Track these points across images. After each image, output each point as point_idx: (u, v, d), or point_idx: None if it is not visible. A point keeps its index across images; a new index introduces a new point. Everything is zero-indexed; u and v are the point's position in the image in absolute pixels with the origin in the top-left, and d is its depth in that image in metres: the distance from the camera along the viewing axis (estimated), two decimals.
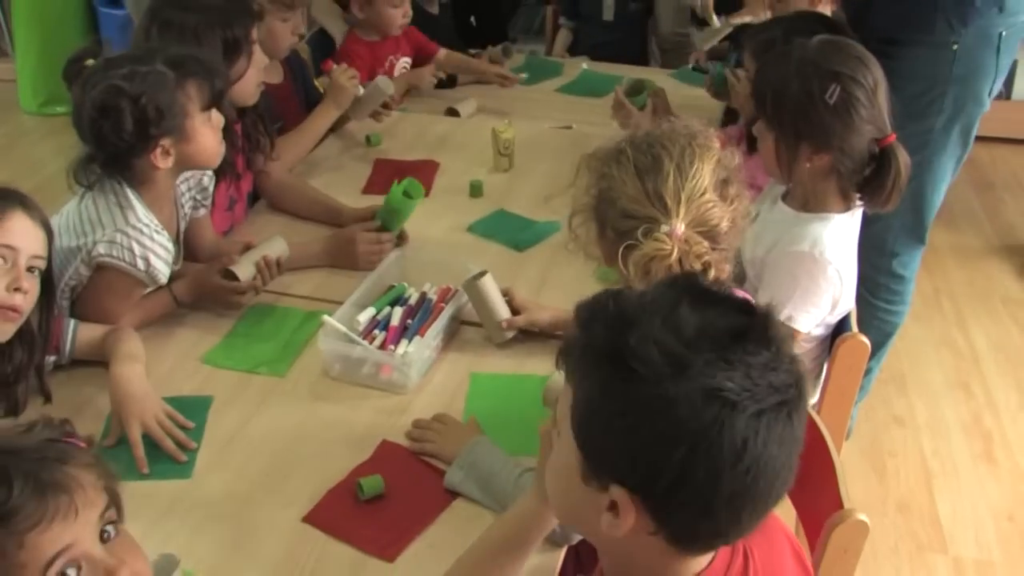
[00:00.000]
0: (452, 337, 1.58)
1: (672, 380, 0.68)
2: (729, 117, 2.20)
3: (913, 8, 1.77)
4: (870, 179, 1.47)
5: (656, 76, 2.59)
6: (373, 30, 2.49)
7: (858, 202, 1.51)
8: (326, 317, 1.47)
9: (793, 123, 1.44)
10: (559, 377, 0.81)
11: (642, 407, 0.69)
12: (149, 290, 1.53)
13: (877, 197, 1.48)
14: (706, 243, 1.11)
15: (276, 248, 1.63)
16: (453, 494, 1.26)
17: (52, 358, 1.44)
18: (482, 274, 1.55)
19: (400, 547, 1.17)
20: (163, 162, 1.44)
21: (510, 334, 1.56)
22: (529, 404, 1.41)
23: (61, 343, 1.44)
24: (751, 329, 0.71)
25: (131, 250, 1.45)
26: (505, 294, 1.56)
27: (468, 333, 1.60)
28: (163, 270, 1.48)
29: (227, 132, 1.59)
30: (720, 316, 0.71)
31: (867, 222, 1.57)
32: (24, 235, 1.23)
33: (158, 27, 1.62)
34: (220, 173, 1.70)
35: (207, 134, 1.48)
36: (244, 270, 1.60)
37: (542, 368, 1.50)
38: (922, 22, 1.76)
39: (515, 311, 1.55)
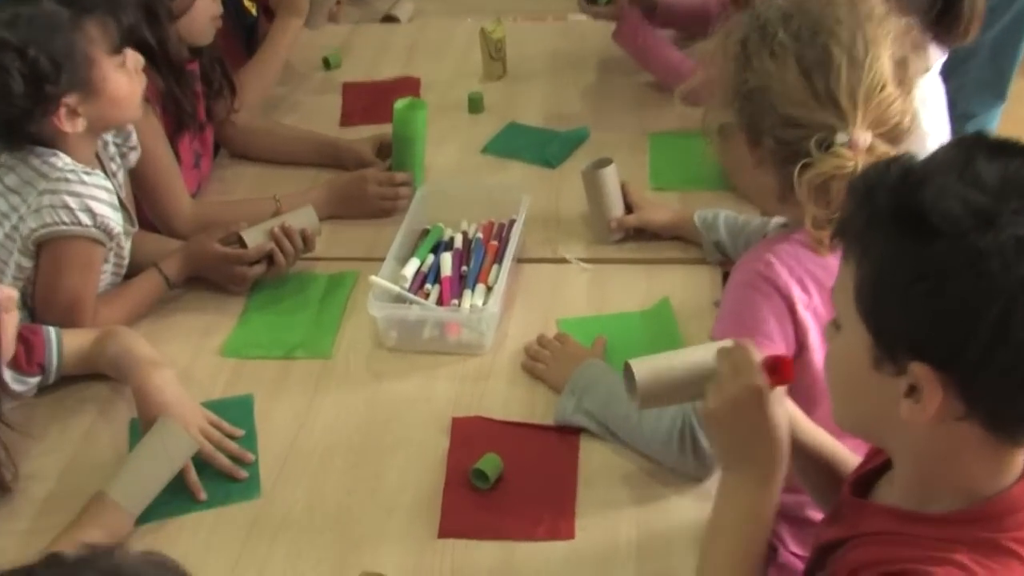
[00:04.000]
0: (516, 279, 1.52)
1: (978, 232, 0.69)
2: None
3: None
4: (942, 12, 1.44)
5: None
6: None
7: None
8: (375, 278, 1.40)
9: None
10: (640, 367, 0.90)
11: (945, 266, 0.70)
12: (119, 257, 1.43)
13: (955, 29, 1.44)
14: (891, 149, 1.05)
15: (301, 219, 1.52)
16: (572, 435, 1.23)
17: (36, 379, 1.30)
18: (606, 162, 1.53)
19: (570, 515, 1.15)
20: (71, 125, 1.31)
21: (618, 235, 1.56)
22: (635, 345, 1.37)
23: (45, 359, 1.30)
24: None
25: (66, 206, 1.30)
26: (622, 186, 1.56)
27: (530, 273, 1.54)
28: (113, 216, 1.35)
29: (181, 77, 1.51)
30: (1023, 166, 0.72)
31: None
32: None
33: None
34: (183, 125, 1.63)
35: (120, 82, 1.34)
36: (253, 237, 1.49)
37: (630, 300, 1.47)
38: None
39: (628, 208, 1.56)
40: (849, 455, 0.97)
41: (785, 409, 0.89)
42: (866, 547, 0.79)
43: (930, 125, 1.45)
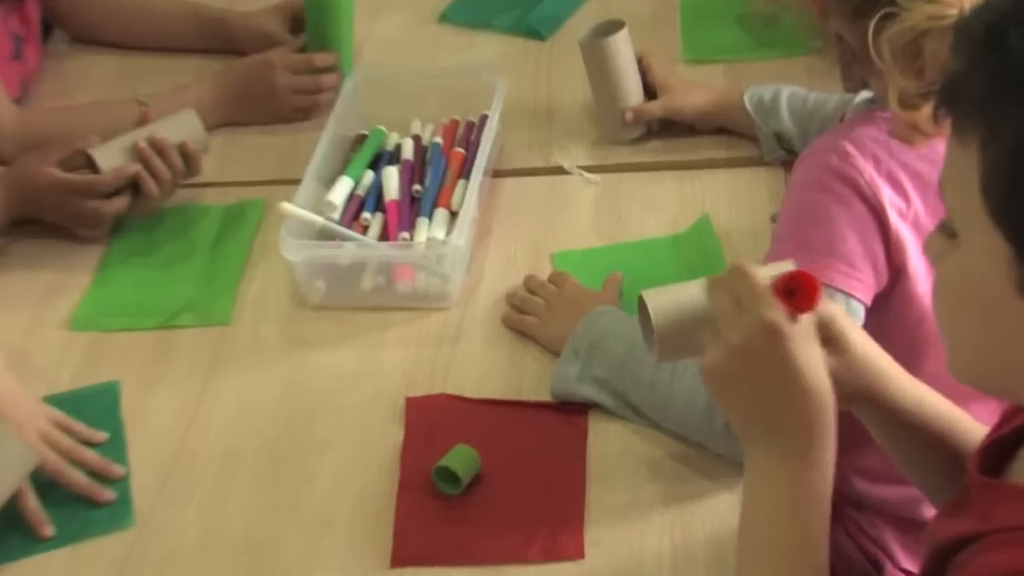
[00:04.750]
0: (491, 201, 1.53)
1: None
2: None
3: None
4: None
5: None
6: None
7: None
8: (288, 206, 1.39)
9: None
10: (657, 299, 0.91)
11: None
12: None
13: None
14: None
15: (179, 128, 1.52)
16: (578, 414, 1.25)
17: None
18: (615, 27, 1.54)
19: (577, 526, 1.16)
20: None
21: (637, 131, 1.57)
22: (663, 283, 1.34)
23: None
24: None
25: None
26: (639, 61, 1.58)
27: (512, 191, 1.56)
28: None
29: None
30: None
31: None
32: None
33: None
34: None
35: None
36: (108, 156, 1.48)
37: (655, 222, 1.48)
38: None
39: (650, 92, 1.56)
40: (972, 424, 0.97)
41: (816, 345, 0.88)
42: (1006, 549, 0.78)
43: None
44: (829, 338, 0.92)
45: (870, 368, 0.92)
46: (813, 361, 0.87)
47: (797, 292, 0.87)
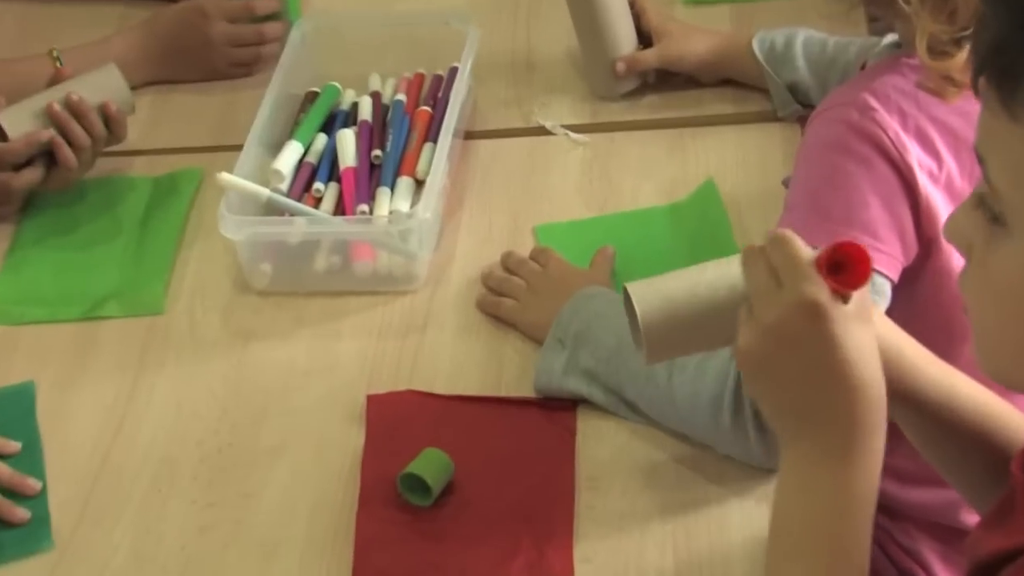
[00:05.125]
0: (463, 167, 1.54)
1: None
2: None
3: None
4: None
5: None
6: None
7: None
8: (227, 176, 1.39)
9: None
10: (643, 291, 0.92)
11: None
12: None
13: None
14: None
15: (99, 87, 1.51)
16: (565, 410, 1.26)
17: None
18: None
19: (565, 539, 1.16)
20: None
21: (630, 84, 1.57)
22: (661, 257, 1.39)
23: None
24: None
25: None
26: (631, 3, 1.59)
27: (487, 154, 1.57)
28: None
29: None
30: None
31: None
32: None
33: None
34: None
35: None
36: (16, 121, 1.49)
37: (651, 188, 1.50)
38: None
39: (644, 38, 1.58)
40: (1018, 417, 0.97)
41: (869, 329, 0.89)
42: None
43: None
44: None
45: (892, 360, 0.92)
46: (863, 347, 0.87)
47: (844, 266, 0.86)
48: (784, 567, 0.90)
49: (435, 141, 1.46)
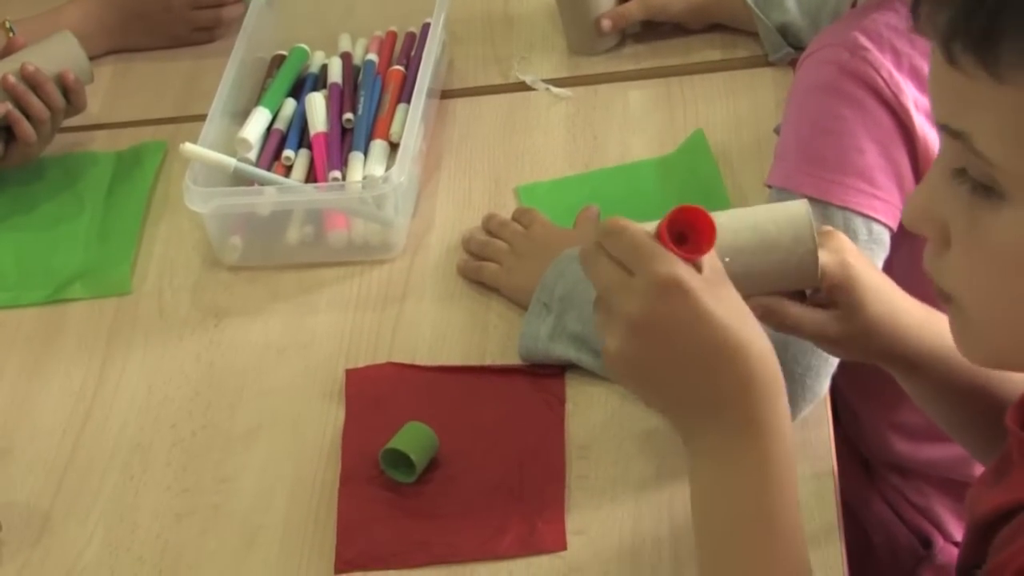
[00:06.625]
0: (440, 128, 1.56)
1: None
2: None
3: None
4: None
5: None
6: None
7: None
8: (192, 146, 1.39)
9: None
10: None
11: None
12: None
13: None
14: None
15: (56, 56, 1.52)
16: (553, 377, 1.26)
17: None
18: None
19: (557, 512, 1.16)
20: None
21: (613, 39, 1.60)
22: (650, 214, 1.34)
23: None
24: None
25: None
26: None
27: (465, 114, 1.58)
28: None
29: None
30: None
31: None
32: None
33: None
34: None
35: None
36: None
37: (638, 142, 1.50)
38: None
39: None
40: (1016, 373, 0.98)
41: (730, 287, 0.88)
42: None
43: None
44: (838, 301, 0.93)
45: (885, 327, 0.93)
46: (731, 308, 0.87)
47: (689, 233, 0.85)
48: (717, 559, 0.89)
49: (409, 102, 1.45)
